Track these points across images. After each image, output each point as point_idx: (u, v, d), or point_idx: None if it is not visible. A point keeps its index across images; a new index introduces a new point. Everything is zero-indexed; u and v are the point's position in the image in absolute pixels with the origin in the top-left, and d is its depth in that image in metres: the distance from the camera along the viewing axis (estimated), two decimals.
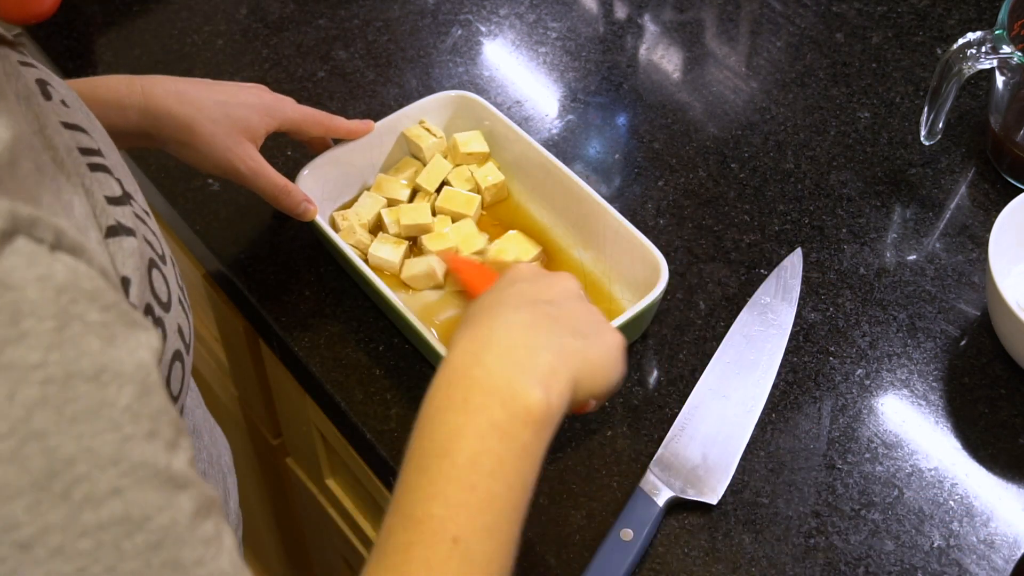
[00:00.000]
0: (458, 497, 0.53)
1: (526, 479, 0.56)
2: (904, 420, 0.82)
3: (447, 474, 0.54)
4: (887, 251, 0.92)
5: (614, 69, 1.07)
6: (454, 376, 0.57)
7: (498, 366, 0.57)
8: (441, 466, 0.54)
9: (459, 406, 0.56)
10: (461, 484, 0.54)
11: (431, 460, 0.55)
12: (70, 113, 0.57)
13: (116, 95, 0.80)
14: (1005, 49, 0.86)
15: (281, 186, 0.84)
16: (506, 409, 0.55)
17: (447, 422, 0.56)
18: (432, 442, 0.55)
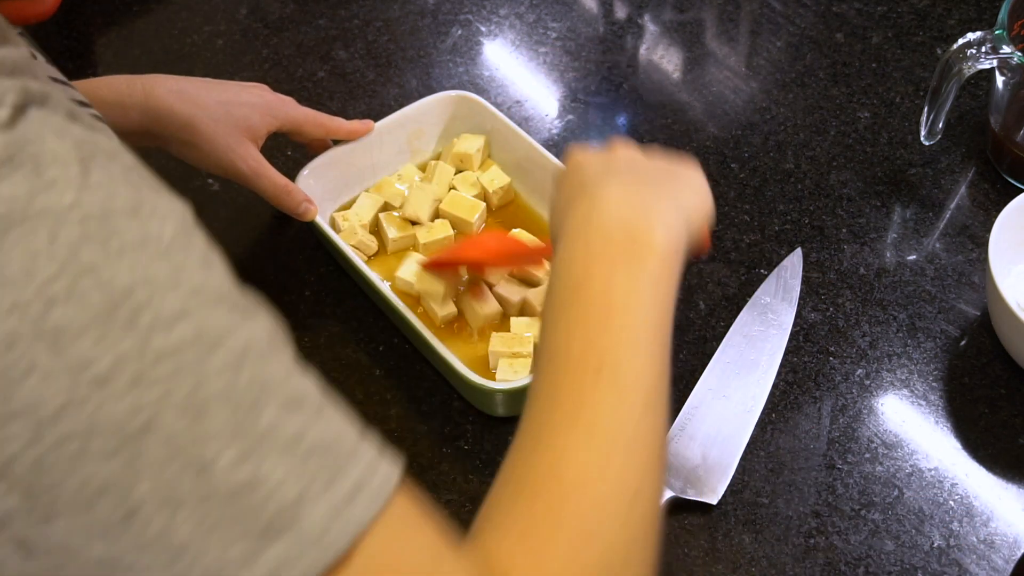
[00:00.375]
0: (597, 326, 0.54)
1: (663, 300, 0.56)
2: (904, 420, 0.82)
3: (583, 307, 0.54)
4: (887, 251, 0.92)
5: (614, 69, 1.07)
6: (575, 231, 0.58)
7: (614, 216, 0.58)
8: (576, 301, 0.55)
9: (583, 249, 0.57)
10: (598, 314, 0.54)
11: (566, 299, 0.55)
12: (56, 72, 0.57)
13: (117, 95, 0.80)
14: (1005, 49, 0.86)
15: (282, 186, 0.84)
16: (629, 245, 0.57)
17: (576, 264, 0.56)
18: (565, 283, 0.56)
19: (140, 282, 0.41)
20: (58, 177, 0.41)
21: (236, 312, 0.43)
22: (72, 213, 0.40)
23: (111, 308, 0.40)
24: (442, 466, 0.79)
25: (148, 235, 0.42)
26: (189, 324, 0.41)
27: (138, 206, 0.42)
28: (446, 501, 0.77)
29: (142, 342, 0.40)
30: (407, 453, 0.80)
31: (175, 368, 0.41)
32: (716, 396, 0.82)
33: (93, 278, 0.40)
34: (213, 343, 0.42)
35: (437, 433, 0.81)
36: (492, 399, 0.79)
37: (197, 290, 0.42)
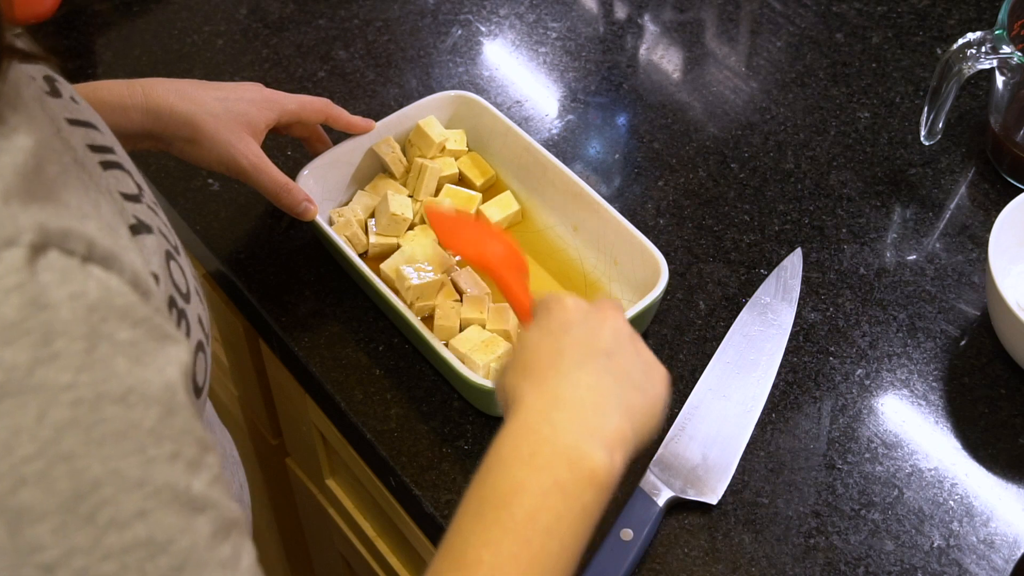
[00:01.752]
0: (511, 549, 0.53)
1: (580, 539, 0.56)
2: (904, 420, 0.82)
3: (504, 525, 0.54)
4: (887, 251, 0.92)
5: (614, 69, 1.07)
6: (522, 431, 0.57)
7: (567, 427, 0.57)
8: (499, 516, 0.54)
9: (525, 460, 0.56)
10: (516, 537, 0.53)
11: (489, 508, 0.55)
12: (79, 110, 0.57)
13: (117, 96, 0.80)
14: (1005, 49, 0.86)
15: (282, 184, 0.84)
16: (572, 470, 0.56)
17: (511, 475, 0.56)
18: (493, 492, 0.55)
19: (109, 477, 0.42)
20: (62, 352, 0.42)
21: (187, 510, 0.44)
22: (66, 395, 0.41)
23: (76, 499, 0.41)
24: (442, 466, 0.79)
25: (130, 424, 0.43)
26: (143, 526, 0.43)
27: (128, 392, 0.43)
28: (446, 501, 0.77)
29: (95, 539, 0.42)
30: (407, 453, 0.80)
31: (120, 568, 0.42)
32: (716, 396, 0.82)
33: (67, 467, 0.41)
34: (160, 547, 0.43)
35: (437, 433, 0.81)
36: (492, 399, 0.79)
37: (159, 490, 0.43)
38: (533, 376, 0.60)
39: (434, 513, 0.77)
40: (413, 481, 0.79)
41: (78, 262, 0.43)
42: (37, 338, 0.41)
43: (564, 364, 0.60)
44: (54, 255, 0.43)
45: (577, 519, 0.55)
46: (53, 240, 0.43)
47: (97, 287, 0.44)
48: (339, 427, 0.86)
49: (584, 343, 0.61)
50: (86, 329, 0.42)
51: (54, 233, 0.43)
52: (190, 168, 0.89)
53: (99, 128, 0.58)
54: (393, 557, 0.99)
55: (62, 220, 0.44)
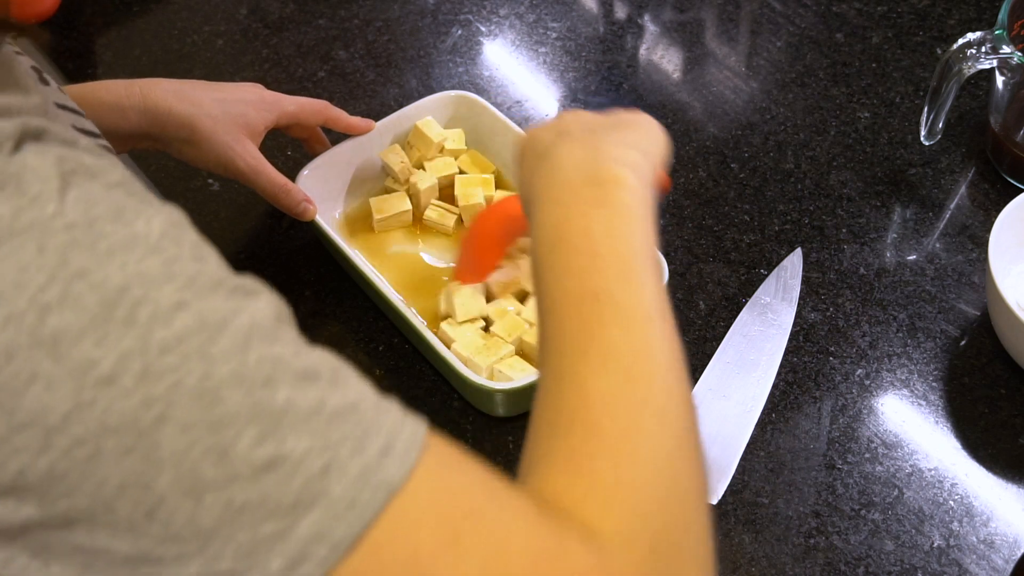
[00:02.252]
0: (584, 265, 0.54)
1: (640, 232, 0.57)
2: (904, 420, 0.82)
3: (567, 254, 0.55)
4: (887, 251, 0.92)
5: (614, 69, 1.07)
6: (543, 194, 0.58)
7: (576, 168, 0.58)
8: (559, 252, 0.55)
9: (554, 205, 0.57)
10: (582, 255, 0.54)
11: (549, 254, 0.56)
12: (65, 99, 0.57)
13: (116, 97, 0.80)
14: (1005, 49, 0.86)
15: (281, 185, 0.84)
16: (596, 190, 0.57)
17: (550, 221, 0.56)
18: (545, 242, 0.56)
19: (133, 279, 0.41)
20: (40, 192, 0.41)
21: (235, 295, 0.43)
22: (56, 221, 0.41)
23: (108, 308, 0.40)
24: None
25: (135, 234, 0.42)
26: (189, 313, 0.41)
27: (120, 211, 0.42)
28: None
29: (144, 336, 0.40)
30: None
31: (181, 357, 0.40)
32: (716, 396, 0.82)
33: (85, 281, 0.40)
34: (216, 328, 0.41)
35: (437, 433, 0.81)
36: (492, 399, 0.79)
37: (192, 280, 0.42)
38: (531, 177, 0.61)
39: None
40: None
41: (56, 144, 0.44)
42: (11, 189, 0.41)
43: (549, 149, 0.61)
44: (31, 143, 0.43)
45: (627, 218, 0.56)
46: (31, 135, 0.43)
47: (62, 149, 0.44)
48: None
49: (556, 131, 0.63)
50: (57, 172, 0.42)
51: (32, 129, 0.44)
52: (190, 168, 0.89)
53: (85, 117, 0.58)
54: None
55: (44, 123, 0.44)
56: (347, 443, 0.42)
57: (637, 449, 0.49)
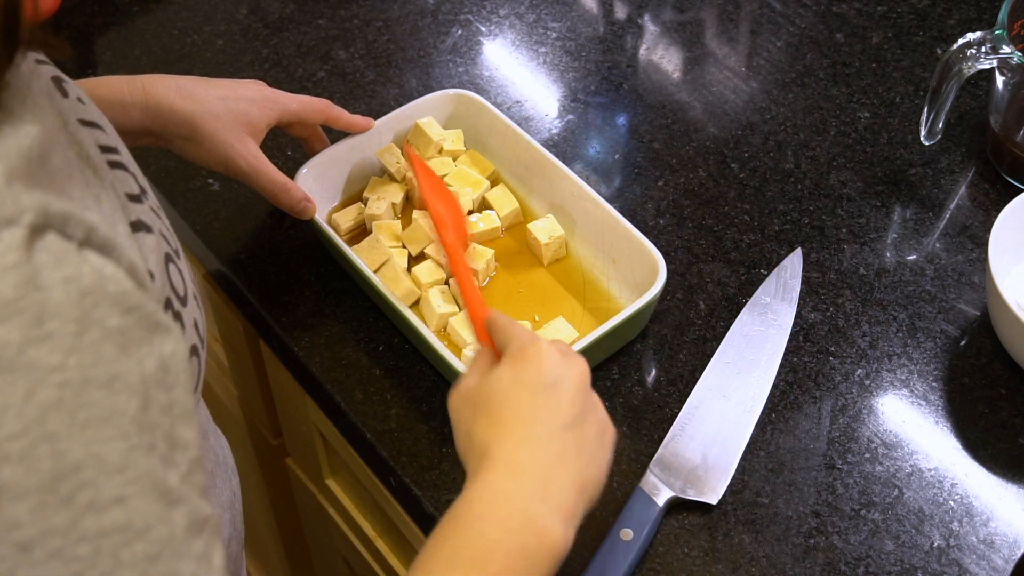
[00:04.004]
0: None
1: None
2: (904, 420, 0.82)
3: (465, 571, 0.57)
4: (887, 251, 0.92)
5: (614, 69, 1.07)
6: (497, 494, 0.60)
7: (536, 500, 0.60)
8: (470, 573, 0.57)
9: (499, 523, 0.59)
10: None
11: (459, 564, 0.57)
12: (86, 110, 0.57)
13: (117, 94, 0.80)
14: (1005, 49, 0.86)
15: (281, 183, 0.84)
16: (538, 540, 0.59)
17: (485, 534, 0.58)
18: (466, 548, 0.58)
19: (91, 460, 0.42)
20: (54, 332, 0.42)
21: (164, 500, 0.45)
22: (54, 376, 0.42)
23: (56, 480, 0.42)
24: (442, 466, 0.79)
25: (114, 411, 0.43)
26: (121, 511, 0.43)
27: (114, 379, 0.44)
28: (446, 501, 0.77)
29: (73, 521, 0.42)
30: (407, 453, 0.80)
31: (95, 551, 0.42)
32: (716, 396, 0.82)
33: (50, 447, 0.41)
34: (137, 533, 0.43)
35: (437, 433, 0.81)
36: None
37: (139, 477, 0.44)
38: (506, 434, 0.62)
39: (434, 513, 0.77)
40: (413, 481, 0.79)
41: (75, 246, 0.44)
42: (30, 318, 0.41)
43: (536, 431, 0.62)
44: (52, 238, 0.43)
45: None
46: (53, 223, 0.43)
47: (91, 272, 0.44)
48: (339, 427, 0.86)
49: (555, 411, 0.63)
50: (78, 313, 0.43)
51: (55, 216, 0.44)
52: (190, 168, 0.89)
53: (104, 129, 0.58)
54: (393, 557, 0.99)
55: (63, 205, 0.44)
56: None
57: None
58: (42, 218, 0.43)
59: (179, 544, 0.45)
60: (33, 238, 0.42)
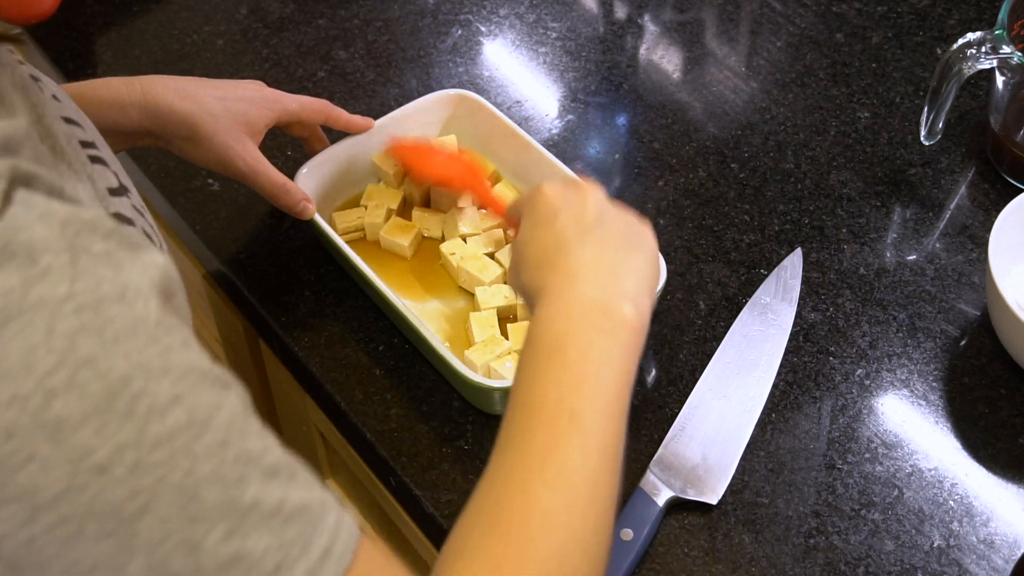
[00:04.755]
0: (571, 383, 0.58)
1: (629, 369, 0.60)
2: (904, 420, 0.82)
3: (560, 365, 0.58)
4: (887, 251, 0.92)
5: (614, 69, 1.07)
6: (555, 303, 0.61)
7: (591, 289, 0.62)
8: (553, 360, 0.58)
9: (563, 314, 0.60)
10: (573, 373, 0.58)
11: (543, 356, 0.59)
12: (61, 107, 0.57)
13: (116, 94, 0.80)
14: (1005, 49, 0.86)
15: (280, 184, 0.84)
16: (604, 319, 0.60)
17: (555, 327, 0.60)
18: (543, 342, 0.60)
19: (136, 370, 0.43)
20: (51, 266, 0.42)
21: (217, 387, 0.46)
22: (67, 304, 0.42)
23: (110, 398, 0.42)
24: (442, 466, 0.79)
25: (137, 319, 0.44)
26: (181, 409, 0.44)
27: (124, 290, 0.44)
28: (446, 501, 0.77)
29: (140, 430, 0.42)
30: (407, 453, 0.80)
31: (170, 453, 0.43)
32: (716, 396, 0.82)
33: (92, 369, 0.42)
34: (202, 425, 0.44)
35: (437, 433, 0.81)
36: (492, 399, 0.79)
37: (185, 373, 0.45)
38: (544, 265, 0.64)
39: (434, 513, 0.77)
40: (413, 481, 0.79)
41: (43, 195, 0.44)
42: (23, 259, 0.42)
43: (567, 246, 0.64)
44: (22, 192, 0.44)
45: (621, 353, 0.60)
46: (21, 180, 0.44)
47: (63, 208, 0.45)
48: (339, 427, 0.86)
49: (575, 222, 0.65)
50: (65, 242, 0.43)
51: (23, 175, 0.44)
52: (190, 168, 0.89)
53: (82, 126, 0.58)
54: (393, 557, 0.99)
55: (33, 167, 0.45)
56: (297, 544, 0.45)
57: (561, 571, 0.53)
58: (11, 179, 0.43)
59: (241, 423, 0.46)
60: (5, 199, 0.43)
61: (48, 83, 0.59)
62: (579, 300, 0.61)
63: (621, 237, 0.66)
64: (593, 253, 0.64)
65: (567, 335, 0.59)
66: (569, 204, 0.67)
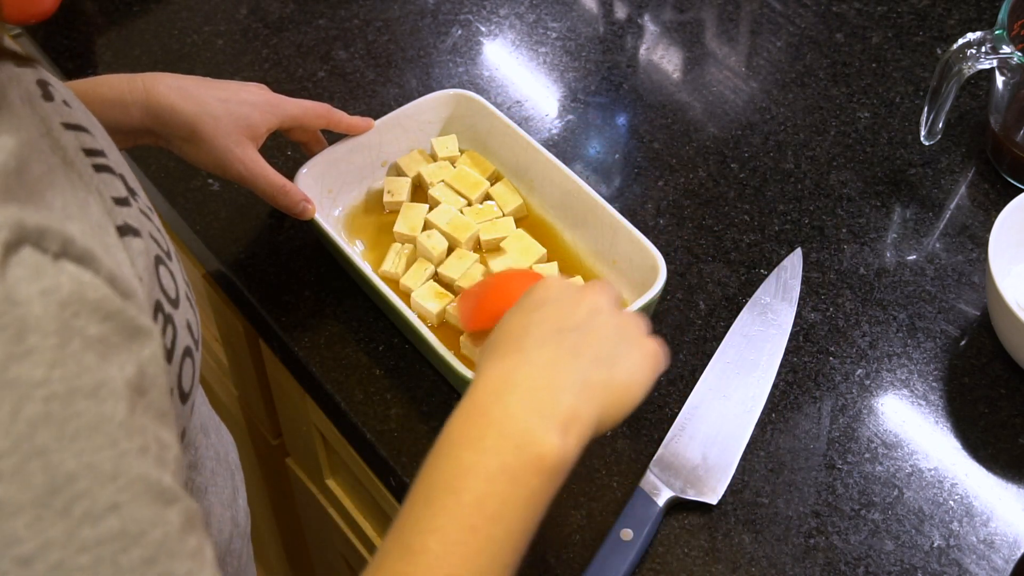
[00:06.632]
0: (457, 536, 0.53)
1: (528, 525, 0.55)
2: (904, 420, 0.82)
3: (451, 511, 0.53)
4: (887, 251, 0.92)
5: (614, 69, 1.07)
6: (473, 412, 0.57)
7: (518, 408, 0.56)
8: (446, 502, 0.54)
9: (473, 444, 0.55)
10: (462, 524, 0.53)
11: (437, 494, 0.54)
12: (72, 113, 0.57)
13: (118, 92, 0.80)
14: (1005, 49, 0.86)
15: (279, 186, 0.84)
16: (520, 454, 0.55)
17: (459, 458, 0.55)
18: (441, 476, 0.55)
19: (84, 470, 0.43)
20: (36, 347, 0.42)
21: (159, 502, 0.45)
22: (39, 391, 0.42)
23: (51, 493, 0.42)
24: None
25: (102, 418, 0.44)
26: (116, 518, 0.43)
27: (99, 386, 0.44)
28: None
29: (71, 531, 0.42)
30: (407, 453, 0.80)
31: (95, 560, 0.43)
32: (716, 396, 0.82)
33: (42, 461, 0.42)
34: (133, 539, 0.44)
35: (437, 433, 0.81)
36: None
37: (131, 482, 0.44)
38: (495, 353, 0.59)
39: None
40: None
41: (50, 259, 0.44)
42: (11, 334, 0.42)
43: (527, 342, 0.59)
44: (27, 251, 0.43)
45: (524, 505, 0.55)
46: (28, 237, 0.43)
47: (70, 282, 0.44)
48: (339, 427, 0.86)
49: (553, 320, 0.60)
50: (58, 324, 0.43)
51: (30, 230, 0.44)
52: (190, 168, 0.89)
53: (91, 132, 0.58)
54: None
55: (40, 218, 0.44)
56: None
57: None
58: (16, 233, 0.43)
59: (174, 544, 0.45)
60: (7, 254, 0.43)
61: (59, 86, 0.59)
62: (498, 423, 0.55)
63: (593, 349, 0.60)
64: (546, 359, 0.58)
65: (469, 473, 0.54)
66: (560, 300, 0.62)
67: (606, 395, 0.59)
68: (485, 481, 0.54)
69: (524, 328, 0.60)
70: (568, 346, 0.59)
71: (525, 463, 0.55)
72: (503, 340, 0.61)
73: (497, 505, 0.54)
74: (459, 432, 0.56)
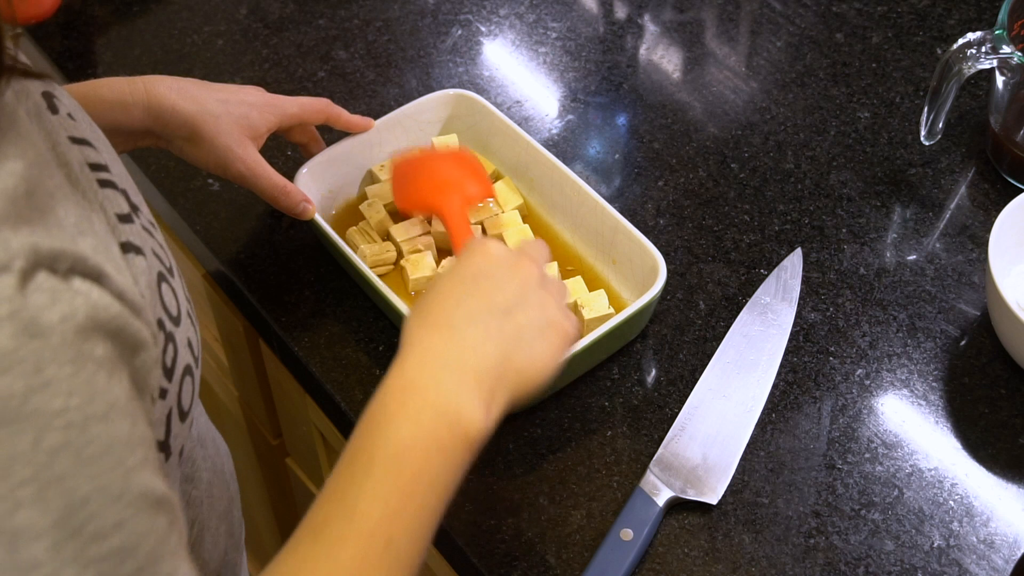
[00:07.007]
0: (397, 504, 0.57)
1: (452, 492, 0.60)
2: (904, 420, 0.82)
3: (392, 482, 0.57)
4: (887, 251, 0.92)
5: (614, 69, 1.07)
6: (409, 387, 0.60)
7: (450, 387, 0.60)
8: (387, 473, 0.57)
9: (412, 418, 0.59)
10: (402, 493, 0.57)
11: (378, 464, 0.57)
12: (77, 126, 0.57)
13: (119, 94, 0.80)
14: (1005, 49, 0.86)
15: (280, 186, 0.84)
16: (452, 431, 0.59)
17: (400, 432, 0.58)
18: (383, 448, 0.58)
19: (96, 492, 0.44)
20: (53, 378, 0.43)
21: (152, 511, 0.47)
22: (58, 420, 0.43)
23: (67, 516, 0.43)
24: None
25: (113, 440, 0.45)
26: (120, 535, 0.45)
27: (110, 408, 0.45)
28: None
29: (81, 550, 0.44)
30: None
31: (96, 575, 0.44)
32: (716, 396, 0.82)
33: (60, 487, 0.43)
34: (130, 551, 0.46)
35: None
36: None
37: (135, 499, 0.46)
38: (427, 325, 0.62)
39: None
40: None
41: (62, 279, 0.45)
42: (29, 367, 0.43)
43: (458, 317, 0.62)
44: (43, 276, 0.44)
45: (452, 475, 0.59)
46: (43, 262, 0.44)
47: (84, 304, 0.45)
48: (339, 427, 0.86)
49: (486, 296, 0.63)
50: (73, 353, 0.44)
51: (44, 255, 0.44)
52: (190, 168, 0.89)
53: (96, 146, 0.58)
54: None
55: (53, 241, 0.45)
56: None
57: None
58: (32, 260, 0.44)
59: (161, 547, 0.47)
60: (26, 281, 0.43)
61: (64, 98, 0.59)
62: (433, 402, 0.59)
63: (518, 333, 0.63)
64: (477, 337, 0.61)
65: (409, 450, 0.58)
66: (495, 275, 0.64)
67: (519, 379, 0.63)
68: (423, 455, 0.58)
69: (457, 301, 0.63)
70: (495, 329, 0.62)
71: (455, 439, 0.59)
72: (436, 308, 0.63)
73: (432, 476, 0.58)
74: (397, 405, 0.59)
